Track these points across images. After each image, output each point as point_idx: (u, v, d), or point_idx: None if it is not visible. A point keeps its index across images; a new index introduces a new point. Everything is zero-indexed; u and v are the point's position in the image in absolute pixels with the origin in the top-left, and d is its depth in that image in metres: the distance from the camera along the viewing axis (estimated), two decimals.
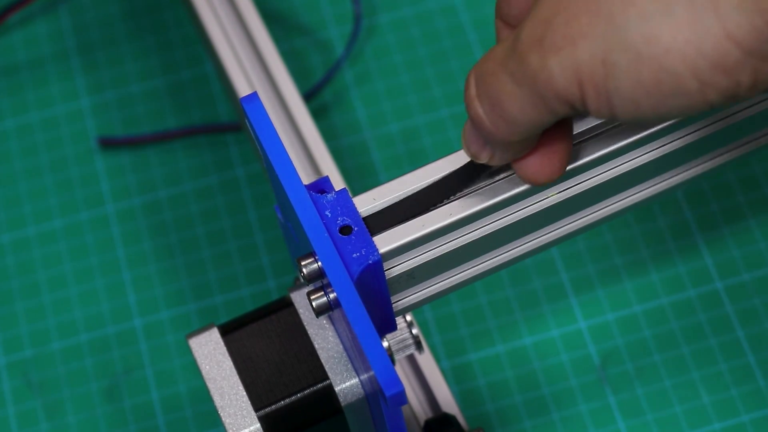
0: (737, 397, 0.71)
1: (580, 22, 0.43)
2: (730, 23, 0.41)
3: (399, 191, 0.52)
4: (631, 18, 0.42)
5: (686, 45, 0.41)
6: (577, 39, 0.43)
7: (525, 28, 0.45)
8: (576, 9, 0.43)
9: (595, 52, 0.43)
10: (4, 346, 0.76)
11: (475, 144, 0.49)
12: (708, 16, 0.41)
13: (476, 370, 0.73)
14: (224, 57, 0.75)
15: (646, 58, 0.42)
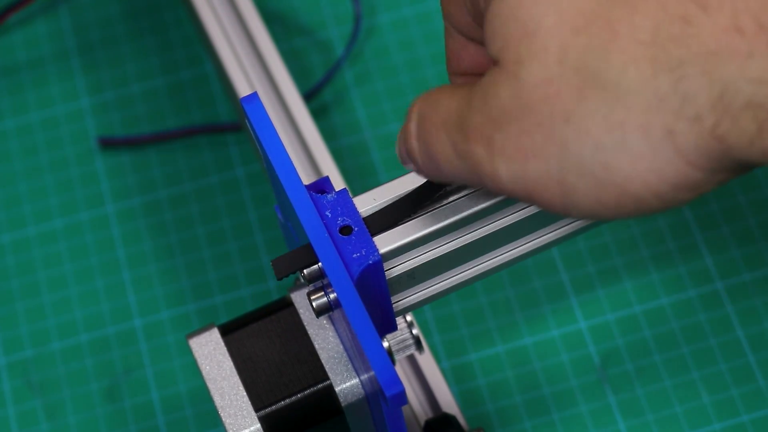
0: (737, 397, 0.71)
1: (533, 139, 0.43)
2: (690, 155, 0.41)
3: (399, 191, 0.52)
4: (587, 147, 0.42)
5: (647, 173, 0.41)
6: (530, 156, 0.43)
7: (474, 117, 0.45)
8: (527, 124, 0.43)
9: (549, 172, 0.43)
10: (4, 346, 0.76)
11: (402, 156, 0.50)
12: (666, 149, 0.41)
13: (476, 370, 0.73)
14: (224, 57, 0.75)
15: (606, 184, 0.42)
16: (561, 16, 0.42)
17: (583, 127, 0.42)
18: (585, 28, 0.42)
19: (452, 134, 0.45)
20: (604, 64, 0.41)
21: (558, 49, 0.42)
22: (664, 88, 0.41)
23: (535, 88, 0.42)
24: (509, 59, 0.43)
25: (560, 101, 0.42)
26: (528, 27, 0.43)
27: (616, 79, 0.41)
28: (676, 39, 0.41)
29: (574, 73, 0.42)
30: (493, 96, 0.44)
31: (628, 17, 0.41)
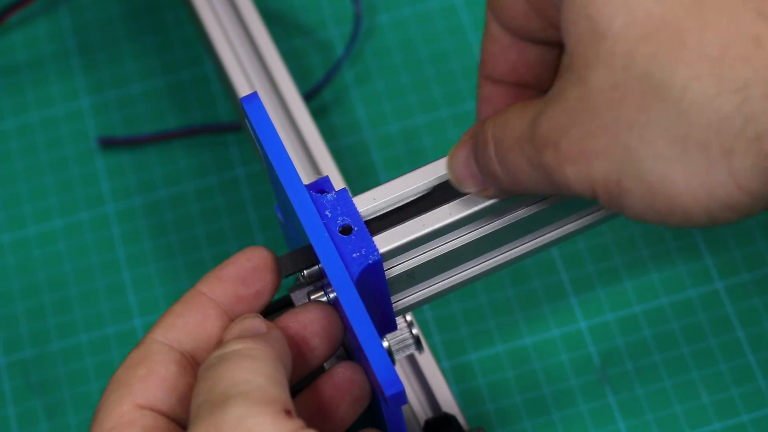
0: (737, 397, 0.71)
1: (597, 141, 0.43)
2: (742, 178, 0.41)
3: (399, 191, 0.52)
4: (647, 156, 0.42)
5: (699, 189, 0.42)
6: (593, 157, 0.43)
7: (542, 125, 0.45)
8: (592, 127, 0.43)
9: (609, 173, 0.43)
10: (4, 346, 0.76)
11: (472, 180, 0.50)
12: (721, 168, 0.41)
13: (476, 370, 0.73)
14: (224, 57, 0.75)
15: (660, 194, 0.43)
16: (631, 19, 0.42)
17: (645, 137, 0.42)
18: (654, 35, 0.42)
19: (525, 148, 0.46)
20: (670, 76, 0.41)
21: (625, 54, 0.42)
22: (727, 108, 0.41)
23: (601, 93, 0.43)
24: (579, 62, 0.43)
25: (624, 108, 0.42)
26: (598, 27, 0.43)
27: (679, 94, 0.41)
28: (745, 59, 0.40)
29: (639, 82, 0.42)
30: (562, 100, 0.44)
31: (698, 31, 0.41)
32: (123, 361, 0.48)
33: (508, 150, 0.46)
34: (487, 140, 0.48)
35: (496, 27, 0.49)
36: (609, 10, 0.42)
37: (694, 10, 0.41)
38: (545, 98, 0.45)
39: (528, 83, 0.50)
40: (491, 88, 0.51)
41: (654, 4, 0.42)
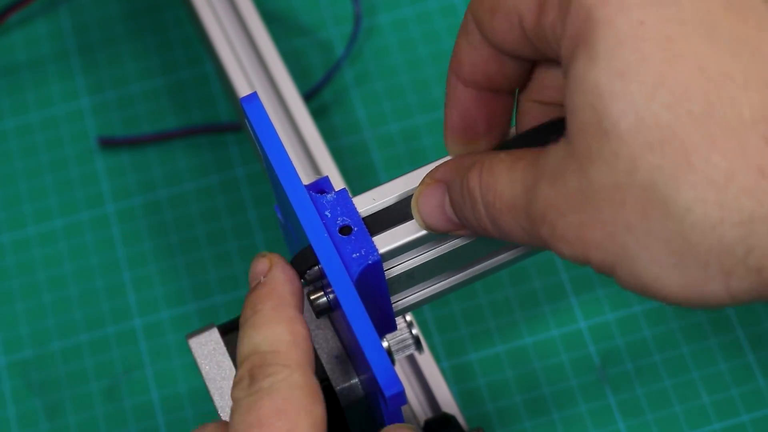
0: (737, 397, 0.71)
1: (594, 233, 0.43)
2: (736, 293, 0.42)
3: (399, 191, 0.52)
4: (643, 258, 0.42)
5: (692, 294, 0.43)
6: (589, 245, 0.43)
7: (538, 202, 0.44)
8: (590, 220, 0.43)
9: (604, 261, 0.43)
10: (4, 346, 0.76)
11: (447, 225, 0.50)
12: (717, 284, 0.42)
13: (476, 370, 0.73)
14: (224, 57, 0.75)
15: (652, 289, 0.43)
16: (638, 122, 0.41)
17: (643, 242, 0.42)
18: (660, 146, 0.41)
19: (519, 218, 0.45)
20: (674, 194, 0.41)
21: (629, 159, 0.41)
22: (730, 238, 0.40)
23: (601, 190, 0.42)
24: (581, 151, 0.42)
25: (624, 210, 0.42)
26: (603, 123, 0.41)
27: (682, 214, 0.41)
28: (750, 191, 0.40)
29: (641, 190, 0.41)
30: (560, 184, 0.43)
31: (705, 151, 0.40)
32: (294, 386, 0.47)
33: (501, 214, 0.46)
34: (474, 198, 0.47)
35: (480, 39, 0.48)
36: (616, 109, 0.41)
37: (702, 124, 0.40)
38: (537, 168, 0.44)
39: (501, 90, 0.50)
40: (462, 90, 0.50)
41: (662, 110, 0.41)
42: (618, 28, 0.41)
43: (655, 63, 0.41)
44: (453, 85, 0.50)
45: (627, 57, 0.41)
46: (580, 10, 0.42)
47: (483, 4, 0.47)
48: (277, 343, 0.47)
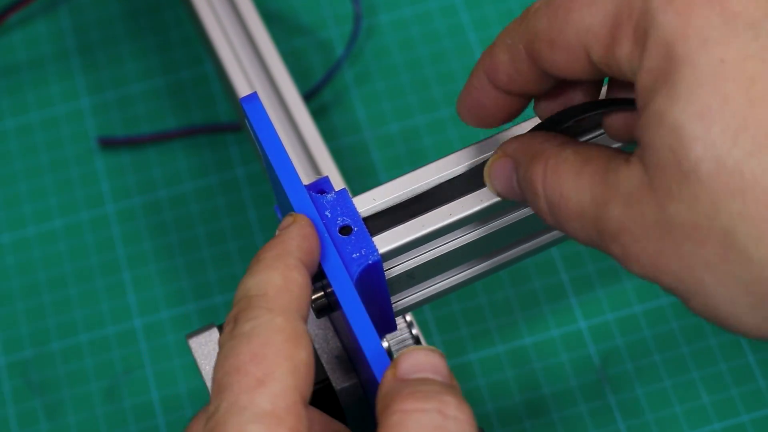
0: (737, 397, 0.71)
1: (670, 263, 0.43)
2: None
3: (399, 191, 0.52)
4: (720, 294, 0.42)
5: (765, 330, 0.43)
6: (664, 273, 0.43)
7: (610, 221, 0.44)
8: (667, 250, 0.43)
9: (677, 289, 0.43)
10: (4, 346, 0.76)
11: (514, 196, 0.50)
12: None
13: (476, 370, 0.73)
14: (224, 57, 0.75)
15: (726, 323, 0.43)
16: (718, 170, 0.40)
17: (722, 280, 0.42)
18: (741, 194, 0.40)
19: (587, 229, 0.45)
20: (755, 244, 0.41)
21: (710, 204, 0.41)
22: None
23: (681, 227, 0.42)
24: (660, 187, 0.42)
25: (704, 249, 0.42)
26: (682, 166, 0.41)
27: (763, 264, 0.41)
28: None
29: (722, 234, 0.41)
30: (638, 212, 0.43)
31: None
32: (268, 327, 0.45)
33: (567, 219, 0.46)
34: (536, 192, 0.47)
35: (528, 64, 0.47)
36: (696, 153, 0.41)
37: None
38: (608, 184, 0.44)
39: (529, 96, 0.50)
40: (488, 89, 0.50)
41: (744, 156, 0.40)
42: (699, 67, 0.41)
43: (737, 105, 0.40)
44: (479, 81, 0.50)
45: (708, 98, 0.41)
46: (659, 45, 0.42)
47: (540, 37, 0.46)
48: (266, 287, 0.46)
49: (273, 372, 0.44)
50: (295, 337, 0.45)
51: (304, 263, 0.48)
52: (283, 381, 0.44)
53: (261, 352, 0.44)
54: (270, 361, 0.44)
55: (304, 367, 0.44)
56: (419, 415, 0.44)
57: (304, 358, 0.44)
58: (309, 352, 0.45)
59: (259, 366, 0.44)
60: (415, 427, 0.43)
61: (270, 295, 0.46)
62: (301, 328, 0.45)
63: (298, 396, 0.44)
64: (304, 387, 0.44)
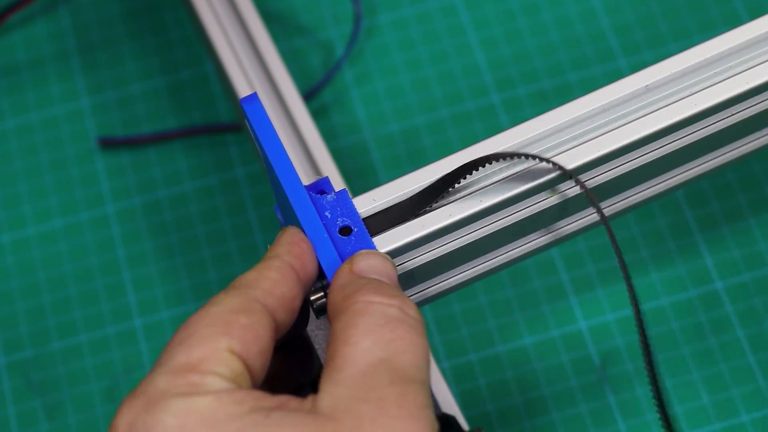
0: (737, 397, 0.71)
1: None
2: None
3: (399, 192, 0.52)
4: None
5: None
6: None
7: None
8: None
9: None
10: (4, 346, 0.76)
11: None
12: None
13: (476, 370, 0.73)
14: (224, 57, 0.75)
15: None
16: None
17: None
18: None
19: None
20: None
21: None
22: None
23: None
24: None
25: None
26: None
27: None
28: None
29: None
30: None
31: None
32: (215, 301, 0.48)
33: None
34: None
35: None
36: None
37: None
38: None
39: None
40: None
41: None
42: None
43: None
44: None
45: None
46: None
47: None
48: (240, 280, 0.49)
49: (195, 331, 0.46)
50: (239, 308, 0.47)
51: (291, 266, 0.49)
52: (203, 337, 0.46)
53: (192, 320, 0.47)
54: (197, 324, 0.47)
55: (240, 329, 0.46)
56: (383, 307, 0.47)
57: (244, 322, 0.47)
58: (256, 319, 0.47)
59: (185, 330, 0.47)
60: (378, 315, 0.46)
61: (234, 285, 0.49)
62: (253, 305, 0.47)
63: (221, 347, 0.46)
64: (237, 344, 0.46)
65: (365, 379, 0.45)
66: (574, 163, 0.52)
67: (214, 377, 0.45)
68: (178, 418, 0.44)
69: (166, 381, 0.45)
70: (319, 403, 0.45)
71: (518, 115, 0.80)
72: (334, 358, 0.46)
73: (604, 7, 0.83)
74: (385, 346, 0.46)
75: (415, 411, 0.44)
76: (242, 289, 0.48)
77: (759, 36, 0.56)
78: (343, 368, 0.45)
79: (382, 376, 0.45)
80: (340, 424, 0.44)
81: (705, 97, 0.54)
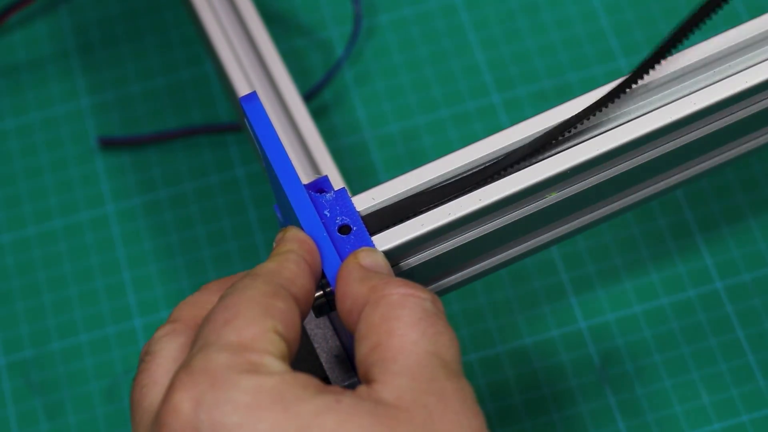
0: (737, 397, 0.71)
1: None
2: None
3: (399, 191, 0.52)
4: None
5: None
6: None
7: None
8: None
9: None
10: (4, 346, 0.76)
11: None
12: None
13: (476, 370, 0.73)
14: (224, 57, 0.75)
15: None
16: None
17: None
18: None
19: None
20: None
21: None
22: None
23: None
24: None
25: None
26: None
27: None
28: None
29: None
30: None
31: None
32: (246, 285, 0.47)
33: None
34: None
35: None
36: None
37: None
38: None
39: None
40: None
41: None
42: None
43: None
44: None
45: None
46: None
47: None
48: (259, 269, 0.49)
49: (239, 312, 0.46)
50: (272, 293, 0.47)
51: (305, 260, 0.49)
52: (249, 318, 0.46)
53: (231, 302, 0.46)
54: (238, 306, 0.46)
55: (279, 313, 0.46)
56: (419, 300, 0.47)
57: (281, 306, 0.46)
58: (289, 305, 0.47)
59: (227, 311, 0.46)
60: (418, 309, 0.46)
61: (257, 272, 0.48)
62: (282, 292, 0.47)
63: (269, 328, 0.46)
64: (281, 327, 0.46)
65: (424, 372, 0.44)
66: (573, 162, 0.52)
67: (270, 357, 0.45)
68: (250, 396, 0.43)
69: (227, 358, 0.44)
70: (381, 394, 0.44)
71: (518, 115, 0.80)
72: (382, 349, 0.45)
73: (604, 7, 0.83)
74: (432, 339, 0.45)
75: (473, 406, 0.44)
76: (268, 276, 0.48)
77: (759, 35, 0.56)
78: (397, 359, 0.45)
79: (438, 369, 0.45)
80: (411, 416, 0.43)
81: (704, 96, 0.54)
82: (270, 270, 0.48)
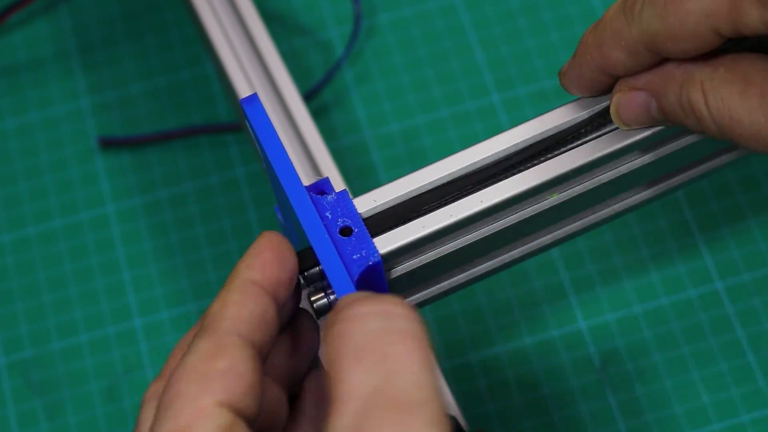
0: (737, 397, 0.71)
1: None
2: None
3: (399, 192, 0.52)
4: None
5: None
6: None
7: None
8: None
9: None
10: (4, 346, 0.76)
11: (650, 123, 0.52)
12: None
13: (476, 370, 0.73)
14: (224, 57, 0.75)
15: None
16: None
17: None
18: None
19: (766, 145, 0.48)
20: None
21: None
22: None
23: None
24: None
25: None
26: None
27: None
28: None
29: None
30: None
31: None
32: (190, 349, 0.46)
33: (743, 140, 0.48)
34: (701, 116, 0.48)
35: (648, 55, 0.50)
36: None
37: None
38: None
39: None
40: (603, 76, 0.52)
41: None
42: None
43: None
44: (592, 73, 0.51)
45: None
46: None
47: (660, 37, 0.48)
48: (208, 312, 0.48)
49: (179, 391, 0.45)
50: (212, 352, 0.46)
51: (252, 281, 0.48)
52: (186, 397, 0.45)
53: (174, 377, 0.45)
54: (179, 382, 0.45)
55: (220, 376, 0.45)
56: (363, 323, 0.44)
57: (223, 366, 0.45)
58: (235, 356, 0.46)
59: (170, 390, 0.45)
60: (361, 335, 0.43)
61: (203, 322, 0.47)
62: (225, 341, 0.46)
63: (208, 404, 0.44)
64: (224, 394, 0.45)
65: (364, 423, 0.41)
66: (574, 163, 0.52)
67: None
68: None
69: None
70: None
71: (518, 115, 0.80)
72: (330, 401, 0.43)
73: (604, 8, 0.83)
74: (378, 370, 0.42)
75: None
76: (211, 325, 0.47)
77: None
78: (340, 413, 0.42)
79: (381, 412, 0.41)
80: None
81: None
82: (213, 315, 0.47)
